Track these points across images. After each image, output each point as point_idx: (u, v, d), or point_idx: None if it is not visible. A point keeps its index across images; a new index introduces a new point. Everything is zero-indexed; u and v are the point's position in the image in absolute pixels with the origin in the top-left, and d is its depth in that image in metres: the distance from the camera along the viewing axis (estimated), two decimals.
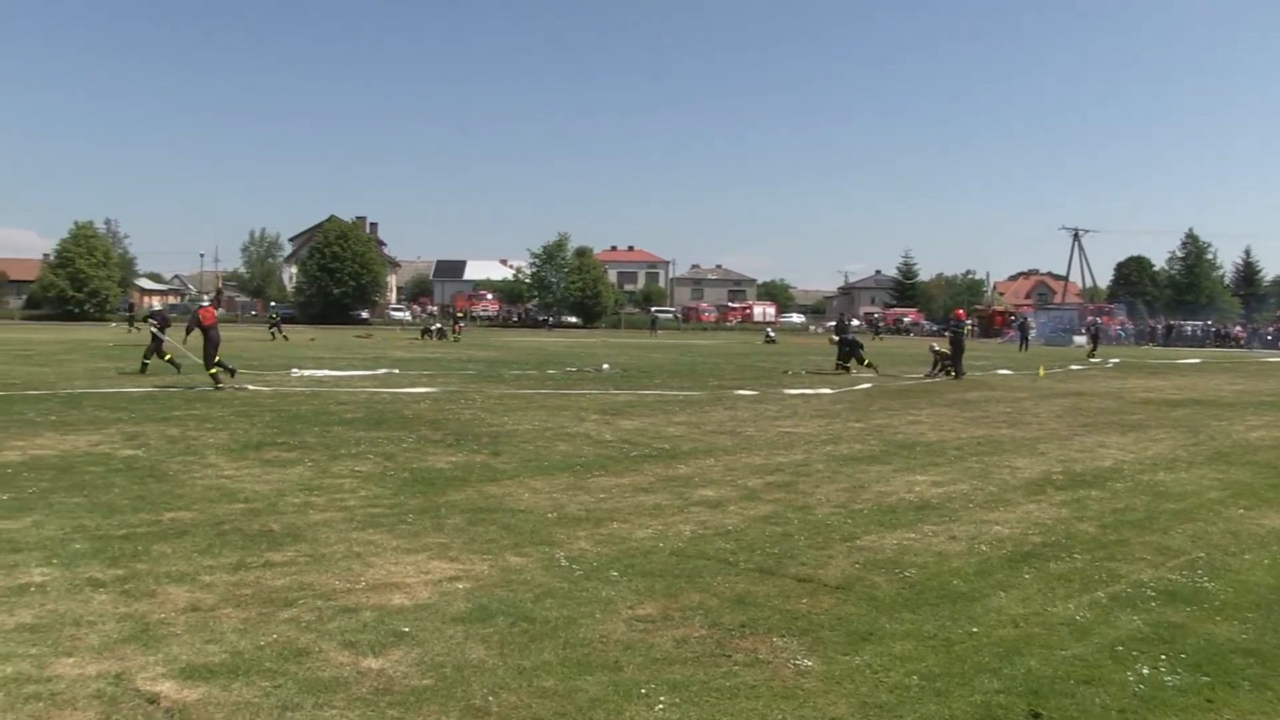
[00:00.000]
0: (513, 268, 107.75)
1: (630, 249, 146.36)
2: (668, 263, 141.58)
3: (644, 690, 4.97)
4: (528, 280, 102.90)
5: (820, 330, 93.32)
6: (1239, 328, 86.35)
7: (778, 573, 7.28)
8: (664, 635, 5.81)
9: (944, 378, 28.70)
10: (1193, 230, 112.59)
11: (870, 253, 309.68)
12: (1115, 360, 45.40)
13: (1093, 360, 44.26)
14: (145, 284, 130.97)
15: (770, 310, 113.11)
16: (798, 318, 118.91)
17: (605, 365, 31.66)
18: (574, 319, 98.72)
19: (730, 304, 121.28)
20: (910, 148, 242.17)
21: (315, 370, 26.47)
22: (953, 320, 33.24)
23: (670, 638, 5.77)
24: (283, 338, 50.43)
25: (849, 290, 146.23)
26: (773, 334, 69.07)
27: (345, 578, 6.83)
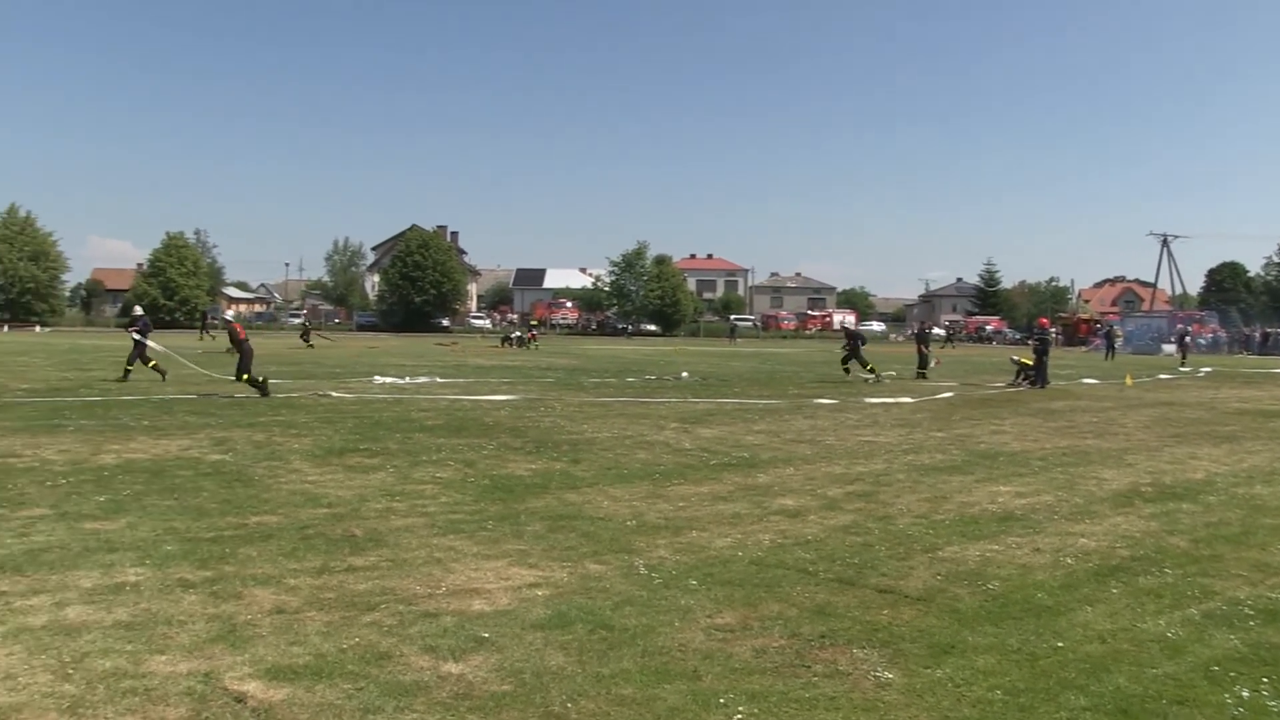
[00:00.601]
0: (592, 276, 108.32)
1: (709, 257, 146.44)
2: (746, 270, 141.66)
3: (722, 700, 4.94)
4: (607, 288, 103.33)
5: (900, 339, 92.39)
6: None
7: (858, 583, 7.20)
8: (743, 645, 5.78)
9: (1026, 387, 28.20)
10: None
11: (951, 260, 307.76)
12: (1207, 369, 44.22)
13: (1183, 369, 43.24)
14: (232, 292, 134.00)
15: (850, 318, 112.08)
16: (878, 325, 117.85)
17: (684, 373, 31.63)
18: (653, 327, 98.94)
19: (810, 312, 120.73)
20: (993, 151, 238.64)
21: (398, 378, 26.79)
22: (1036, 329, 32.66)
23: (749, 647, 5.73)
24: (319, 339, 50.21)
25: (929, 298, 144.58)
26: None
27: (426, 583, 6.90)
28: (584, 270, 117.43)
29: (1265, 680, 5.42)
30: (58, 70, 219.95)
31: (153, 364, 23.52)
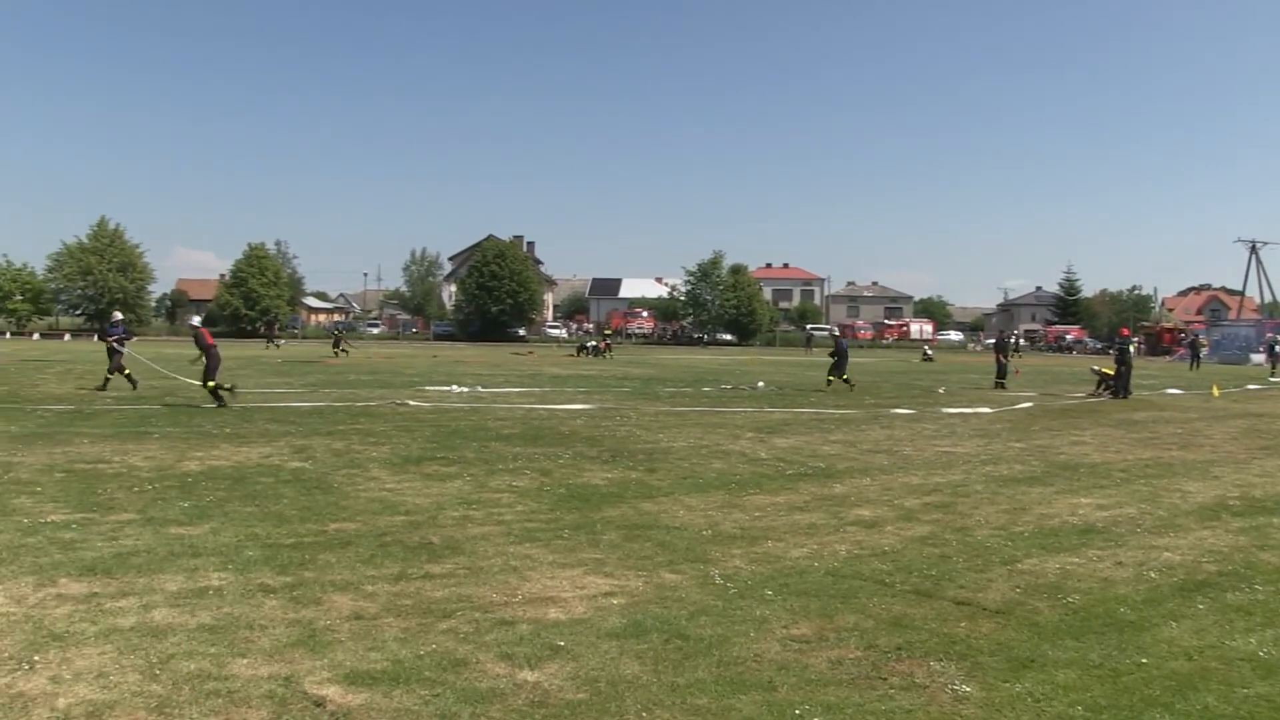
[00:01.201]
0: (667, 285, 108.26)
1: (785, 266, 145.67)
2: (823, 280, 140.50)
3: (798, 711, 4.92)
4: (682, 298, 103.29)
5: (979, 348, 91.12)
6: None
7: (935, 595, 7.13)
8: (818, 656, 5.74)
9: (1107, 397, 27.67)
10: None
11: (1030, 268, 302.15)
12: None
13: (1273, 380, 42.09)
14: (312, 302, 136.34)
15: (927, 328, 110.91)
16: (956, 335, 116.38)
17: (760, 383, 31.51)
18: (728, 336, 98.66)
19: (886, 321, 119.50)
20: (1073, 158, 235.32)
21: (476, 387, 27.03)
22: (1118, 338, 32.04)
23: (825, 658, 5.70)
24: (343, 351, 50.10)
25: (1008, 307, 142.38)
26: (930, 352, 67.71)
27: (502, 591, 6.95)
28: (660, 280, 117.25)
29: None
30: (145, 90, 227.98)
31: (127, 372, 23.39)
